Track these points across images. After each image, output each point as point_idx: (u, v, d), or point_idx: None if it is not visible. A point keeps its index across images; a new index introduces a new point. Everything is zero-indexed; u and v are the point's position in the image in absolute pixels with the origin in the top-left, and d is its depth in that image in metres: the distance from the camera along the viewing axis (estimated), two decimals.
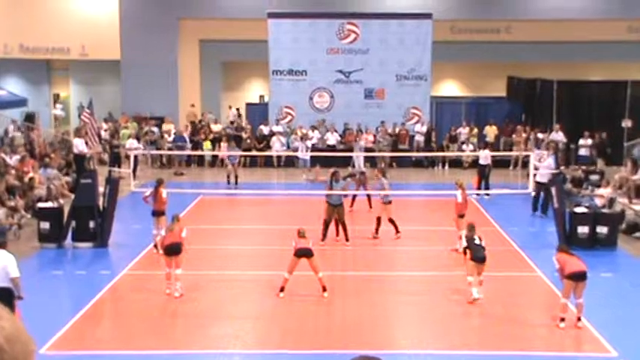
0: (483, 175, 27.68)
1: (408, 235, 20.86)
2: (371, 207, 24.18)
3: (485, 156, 27.95)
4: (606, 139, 33.57)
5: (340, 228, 20.36)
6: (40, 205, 21.10)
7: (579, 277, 14.00)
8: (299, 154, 32.26)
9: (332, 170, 21.10)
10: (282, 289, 15.78)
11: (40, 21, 39.62)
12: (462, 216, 19.58)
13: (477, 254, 15.51)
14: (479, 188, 27.21)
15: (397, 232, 20.81)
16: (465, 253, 15.75)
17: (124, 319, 14.95)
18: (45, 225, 20.05)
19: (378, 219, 20.89)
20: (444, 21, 37.78)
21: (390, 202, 20.91)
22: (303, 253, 15.60)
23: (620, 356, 12.73)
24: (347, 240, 20.24)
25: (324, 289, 15.81)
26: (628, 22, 39.04)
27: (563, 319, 14.17)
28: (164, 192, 19.29)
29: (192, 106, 39.40)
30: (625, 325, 14.52)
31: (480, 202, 25.95)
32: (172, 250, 15.92)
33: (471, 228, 16.12)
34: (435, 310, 15.30)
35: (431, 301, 15.78)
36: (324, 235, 20.13)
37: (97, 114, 29.02)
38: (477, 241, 15.60)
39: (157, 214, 19.17)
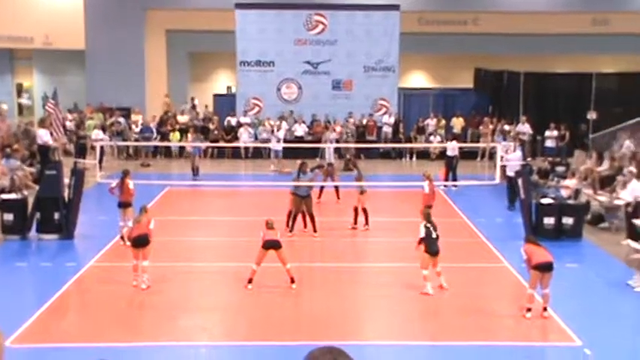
0: (451, 167, 27.81)
1: (377, 227, 20.89)
2: (339, 198, 24.19)
3: (452, 147, 28.08)
4: (586, 130, 33.92)
5: (308, 219, 20.33)
6: (3, 196, 20.80)
7: (546, 268, 14.11)
8: (271, 145, 32.14)
9: (299, 162, 21.06)
10: (250, 281, 15.72)
11: (3, 9, 39.16)
12: (429, 207, 19.61)
13: (431, 247, 15.48)
14: (446, 180, 27.31)
15: (366, 223, 20.83)
16: (419, 243, 15.67)
17: (90, 311, 14.80)
18: (8, 217, 19.79)
19: (356, 209, 20.89)
20: (412, 12, 37.87)
21: (364, 192, 20.92)
22: (271, 245, 15.56)
23: (584, 345, 12.83)
24: (315, 231, 20.21)
25: (292, 281, 15.78)
26: (592, 14, 39.40)
27: (529, 310, 14.26)
28: (130, 183, 19.12)
29: (167, 96, 39.19)
30: (589, 314, 14.64)
31: (448, 194, 26.05)
32: (140, 242, 15.80)
33: (427, 217, 16.01)
34: (402, 302, 15.32)
35: (398, 292, 15.79)
36: (292, 227, 20.10)
37: (61, 104, 28.69)
38: (433, 235, 15.52)
39: (124, 205, 19.00)
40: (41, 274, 17.11)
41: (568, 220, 20.29)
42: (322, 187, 24.32)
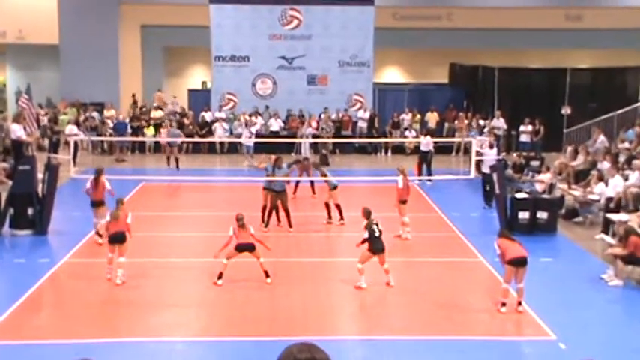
0: (425, 162, 27.87)
1: (352, 221, 20.85)
2: (314, 193, 24.18)
3: (426, 142, 28.15)
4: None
5: (283, 214, 20.32)
6: None
7: (520, 262, 14.19)
8: (242, 140, 32.06)
9: (274, 157, 21.04)
10: (220, 276, 15.66)
11: None
12: (403, 202, 19.67)
13: (375, 246, 15.43)
14: (420, 174, 27.35)
15: (341, 218, 20.85)
16: (363, 242, 15.54)
17: (64, 307, 14.71)
18: None
19: (327, 205, 20.91)
20: (386, 8, 37.94)
21: (335, 188, 20.92)
22: (244, 248, 15.58)
23: (559, 339, 12.92)
24: (290, 226, 20.20)
25: (267, 275, 15.76)
26: (565, 9, 39.69)
27: (504, 304, 14.32)
28: (107, 182, 18.94)
29: (160, 90, 39.14)
30: (564, 309, 14.74)
31: (422, 188, 26.12)
32: (117, 238, 15.77)
33: (368, 215, 15.86)
34: (377, 297, 15.35)
35: (373, 287, 15.80)
36: (267, 222, 20.11)
37: (35, 99, 28.49)
38: (377, 233, 15.42)
39: (97, 204, 18.81)
40: (15, 270, 16.99)
41: (542, 215, 20.42)
42: (298, 182, 24.31)
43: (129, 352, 12.52)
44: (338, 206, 20.78)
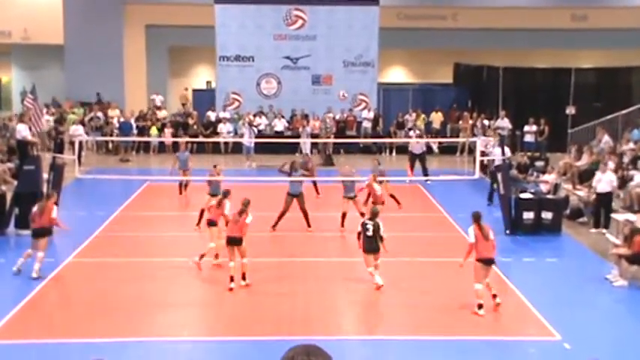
0: (420, 163, 27.50)
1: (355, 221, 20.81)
2: (318, 193, 24.11)
3: (419, 145, 27.85)
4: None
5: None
6: None
7: (488, 262, 14.21)
8: (244, 140, 32.03)
9: (290, 161, 21.27)
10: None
11: None
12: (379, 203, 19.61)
13: (364, 245, 15.44)
14: (412, 174, 27.22)
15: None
16: (358, 238, 15.59)
17: (68, 307, 14.73)
18: None
19: (344, 215, 20.59)
20: (391, 7, 37.93)
21: (355, 197, 20.81)
22: (232, 242, 15.56)
23: (564, 339, 12.91)
24: (309, 226, 20.24)
25: (244, 277, 15.66)
26: (571, 9, 39.63)
27: (481, 306, 14.11)
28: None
29: (186, 89, 39.70)
30: (568, 309, 14.72)
31: (427, 188, 26.08)
32: (39, 233, 16.12)
33: (373, 215, 15.80)
34: (380, 297, 15.32)
35: (372, 288, 15.79)
36: (276, 224, 20.12)
37: (40, 99, 28.51)
38: (370, 233, 15.34)
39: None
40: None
41: (547, 215, 20.39)
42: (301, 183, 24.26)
43: (133, 352, 12.52)
44: (362, 215, 20.45)
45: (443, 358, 12.59)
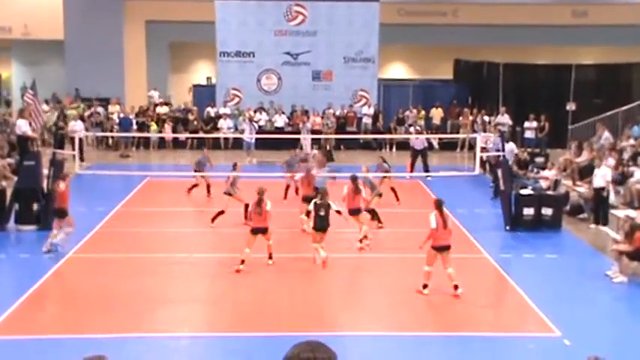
0: (422, 158, 27.58)
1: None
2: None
3: (420, 140, 27.90)
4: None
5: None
6: None
7: (443, 249, 14.76)
8: (244, 136, 32.04)
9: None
10: (242, 262, 16.11)
11: None
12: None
13: (316, 224, 16.36)
14: (412, 171, 27.29)
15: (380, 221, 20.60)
16: (307, 215, 16.75)
17: (69, 302, 14.73)
18: None
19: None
20: (391, 3, 37.93)
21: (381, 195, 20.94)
22: (258, 232, 16.20)
23: (563, 336, 12.92)
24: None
25: (270, 257, 16.47)
26: (572, 6, 39.61)
27: (426, 286, 14.90)
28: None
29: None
30: (568, 305, 14.72)
31: (427, 185, 26.09)
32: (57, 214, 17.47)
33: (323, 195, 16.65)
34: (381, 293, 15.34)
35: (377, 284, 15.81)
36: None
37: (40, 95, 28.52)
38: (322, 213, 16.23)
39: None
40: (20, 266, 17.03)
41: (547, 211, 20.41)
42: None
43: (134, 348, 12.52)
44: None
45: (442, 354, 12.61)
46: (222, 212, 19.85)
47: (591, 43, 41.25)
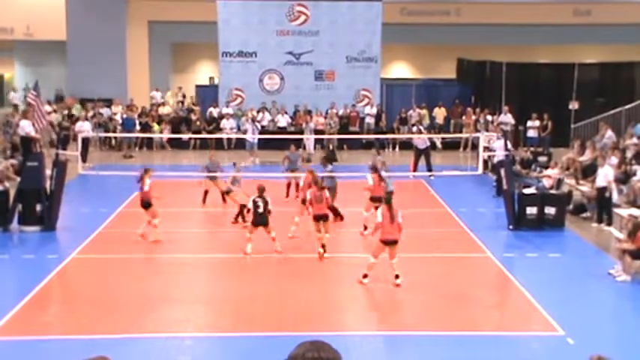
0: (425, 158, 27.59)
1: (358, 219, 20.81)
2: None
3: (422, 140, 27.92)
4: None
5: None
6: None
7: (390, 243, 15.12)
8: (247, 136, 32.05)
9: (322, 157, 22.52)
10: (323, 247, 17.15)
11: None
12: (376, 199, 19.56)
13: (256, 220, 17.11)
14: (415, 170, 27.30)
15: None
16: (247, 211, 17.57)
17: (72, 303, 14.74)
18: None
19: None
20: (394, 3, 37.92)
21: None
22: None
23: (567, 335, 12.90)
24: (341, 219, 20.74)
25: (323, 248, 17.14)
26: (574, 5, 39.60)
27: (366, 276, 15.37)
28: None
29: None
30: (571, 304, 14.70)
31: (430, 184, 26.09)
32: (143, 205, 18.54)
33: (261, 191, 17.32)
34: (384, 292, 15.33)
35: (380, 283, 15.80)
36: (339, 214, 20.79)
37: (43, 96, 28.56)
38: (261, 209, 16.99)
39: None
40: (23, 267, 17.01)
41: (550, 210, 20.39)
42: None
43: (138, 348, 12.51)
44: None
45: (445, 353, 12.59)
46: (244, 207, 19.59)
47: (594, 41, 41.27)
